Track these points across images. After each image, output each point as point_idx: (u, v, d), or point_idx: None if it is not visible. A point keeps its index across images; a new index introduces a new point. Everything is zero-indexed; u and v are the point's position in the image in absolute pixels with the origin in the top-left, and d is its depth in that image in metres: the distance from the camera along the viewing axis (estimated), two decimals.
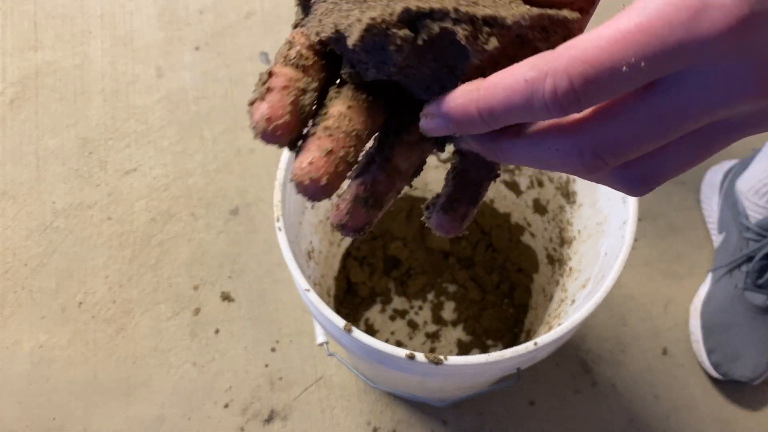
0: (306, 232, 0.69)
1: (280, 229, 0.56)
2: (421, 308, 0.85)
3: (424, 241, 0.87)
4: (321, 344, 0.65)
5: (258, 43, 1.07)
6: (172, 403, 0.81)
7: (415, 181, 0.84)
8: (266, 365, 0.83)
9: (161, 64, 1.05)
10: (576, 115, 0.21)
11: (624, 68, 0.18)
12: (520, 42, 0.23)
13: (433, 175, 0.83)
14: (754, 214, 0.82)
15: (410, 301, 0.86)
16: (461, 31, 0.22)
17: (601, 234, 0.63)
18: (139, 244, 0.91)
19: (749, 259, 0.80)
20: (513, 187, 0.78)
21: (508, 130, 0.22)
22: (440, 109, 0.22)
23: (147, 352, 0.84)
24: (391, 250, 0.85)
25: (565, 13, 0.23)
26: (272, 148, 0.97)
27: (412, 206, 0.86)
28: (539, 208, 0.76)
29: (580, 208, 0.68)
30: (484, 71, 0.22)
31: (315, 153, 0.23)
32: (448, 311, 0.85)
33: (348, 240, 0.84)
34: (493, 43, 0.22)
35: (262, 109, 0.23)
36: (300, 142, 0.24)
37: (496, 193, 0.81)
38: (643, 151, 0.21)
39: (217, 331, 0.85)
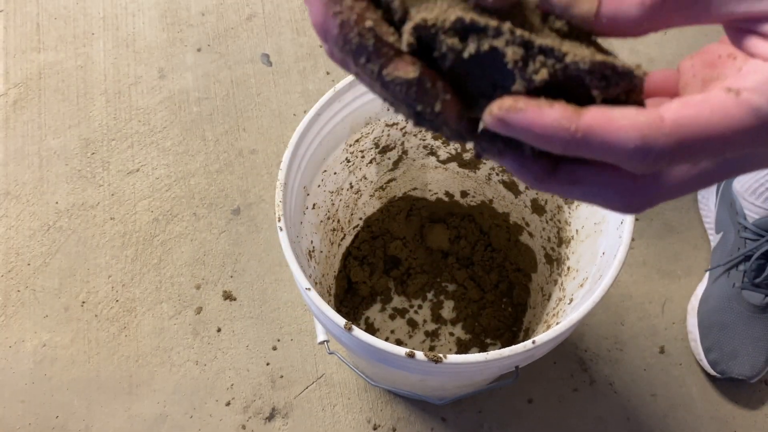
0: (307, 232, 0.70)
1: (281, 229, 0.56)
2: (420, 307, 0.86)
3: (424, 240, 0.88)
4: (321, 343, 0.66)
5: (259, 44, 1.07)
6: (174, 401, 0.81)
7: (415, 182, 0.85)
8: (267, 363, 0.84)
9: (163, 66, 1.06)
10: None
11: (721, 155, 0.21)
12: (575, 82, 0.22)
13: (433, 175, 0.84)
14: (752, 214, 0.83)
15: (410, 300, 0.86)
16: (511, 54, 0.21)
17: (598, 234, 0.63)
18: (141, 243, 0.92)
19: (747, 258, 0.81)
20: (511, 187, 0.78)
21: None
22: (518, 117, 0.21)
23: (149, 351, 0.84)
24: (390, 250, 0.86)
25: (633, 67, 0.22)
26: (273, 149, 0.98)
27: (412, 206, 0.87)
28: (537, 208, 0.76)
29: (578, 208, 0.68)
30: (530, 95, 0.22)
31: None
32: (448, 310, 0.86)
33: (348, 240, 0.85)
34: (542, 75, 0.21)
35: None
36: None
37: (494, 193, 0.82)
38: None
39: (218, 330, 0.86)
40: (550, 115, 0.21)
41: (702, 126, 0.20)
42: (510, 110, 0.21)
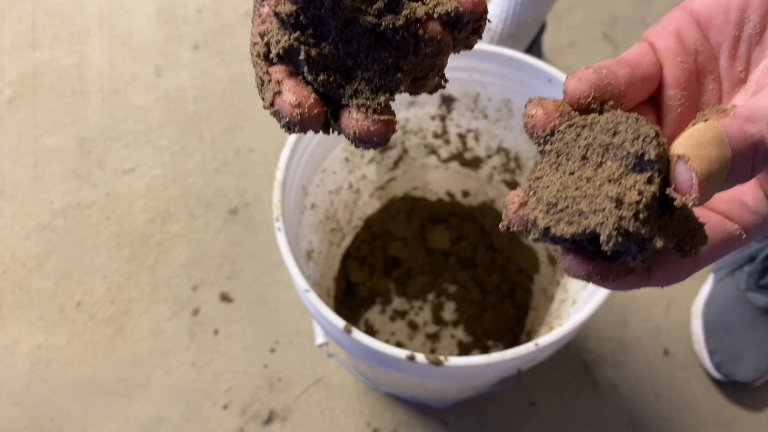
0: (305, 233, 0.69)
1: (279, 230, 0.55)
2: (421, 309, 0.85)
3: (425, 241, 0.87)
4: (320, 345, 0.65)
5: None
6: (171, 404, 0.80)
7: (415, 181, 0.84)
8: (265, 366, 0.82)
9: (160, 63, 1.05)
10: None
11: None
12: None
13: (433, 175, 0.83)
14: None
15: (410, 302, 0.85)
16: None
17: None
18: (137, 244, 0.90)
19: (751, 259, 0.80)
20: (514, 186, 0.77)
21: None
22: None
23: (146, 353, 0.83)
24: (391, 250, 0.85)
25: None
26: (272, 148, 0.97)
27: (412, 206, 0.86)
28: None
29: None
30: None
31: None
32: (449, 312, 0.85)
33: (348, 240, 0.84)
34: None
35: (288, 98, 0.22)
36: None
37: (496, 192, 0.81)
38: None
39: (216, 332, 0.85)
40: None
41: None
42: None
